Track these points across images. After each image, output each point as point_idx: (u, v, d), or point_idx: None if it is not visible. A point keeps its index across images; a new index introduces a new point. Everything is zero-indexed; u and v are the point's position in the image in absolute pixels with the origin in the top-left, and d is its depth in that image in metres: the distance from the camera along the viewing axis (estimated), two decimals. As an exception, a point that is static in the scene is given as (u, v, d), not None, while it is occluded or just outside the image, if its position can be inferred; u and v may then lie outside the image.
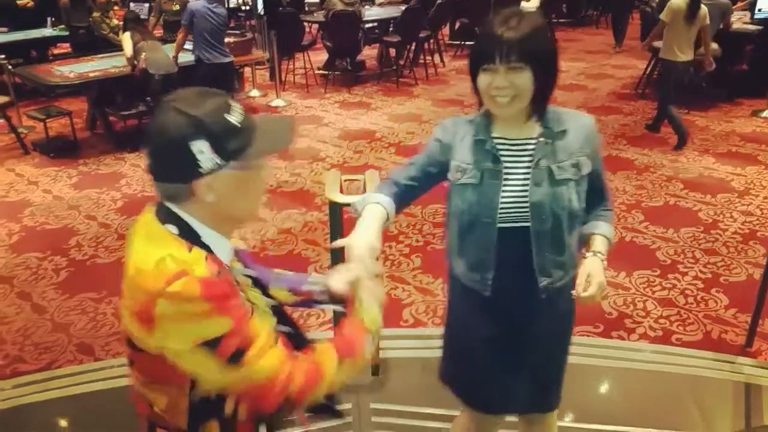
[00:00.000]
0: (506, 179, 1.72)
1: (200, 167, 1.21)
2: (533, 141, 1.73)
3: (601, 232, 1.83)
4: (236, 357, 1.20)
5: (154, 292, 1.17)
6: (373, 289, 1.48)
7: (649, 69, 7.91)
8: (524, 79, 1.62)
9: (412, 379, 3.14)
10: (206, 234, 1.29)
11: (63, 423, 3.02)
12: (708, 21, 6.01)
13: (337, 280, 1.50)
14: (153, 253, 1.22)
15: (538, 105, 1.71)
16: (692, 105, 7.22)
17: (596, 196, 1.83)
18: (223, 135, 1.22)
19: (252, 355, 1.22)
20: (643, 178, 5.44)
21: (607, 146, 6.21)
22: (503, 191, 1.72)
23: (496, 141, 1.75)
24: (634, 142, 6.34)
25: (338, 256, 2.92)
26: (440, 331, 3.36)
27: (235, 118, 1.24)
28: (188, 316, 1.17)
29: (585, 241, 1.84)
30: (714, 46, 7.02)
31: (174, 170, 1.24)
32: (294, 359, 1.30)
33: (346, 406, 2.92)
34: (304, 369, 1.30)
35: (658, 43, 6.51)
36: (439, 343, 2.13)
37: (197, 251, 1.24)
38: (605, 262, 1.78)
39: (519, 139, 1.74)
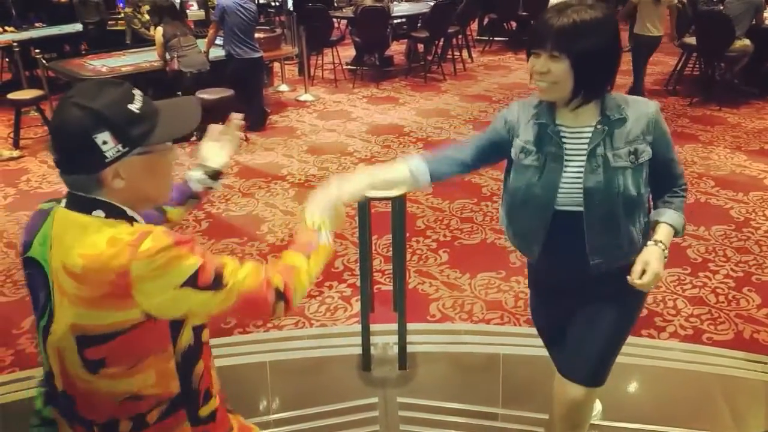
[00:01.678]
0: (566, 164, 1.80)
1: (105, 157, 1.26)
2: (590, 128, 1.77)
3: (666, 220, 1.87)
4: (217, 281, 1.31)
5: (124, 263, 1.22)
6: (320, 203, 1.70)
7: (679, 65, 7.79)
8: (561, 68, 1.67)
9: (439, 373, 3.14)
10: (129, 212, 1.35)
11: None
12: (675, 0, 6.90)
13: None
14: (95, 238, 1.25)
15: (589, 94, 1.73)
16: (724, 102, 7.10)
17: (665, 181, 1.87)
18: (125, 123, 1.27)
19: (229, 274, 1.34)
20: (674, 176, 5.36)
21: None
22: (563, 175, 1.80)
23: (558, 126, 1.81)
24: (665, 139, 6.24)
25: (366, 249, 2.94)
26: (466, 326, 3.36)
27: (136, 105, 1.30)
28: (164, 266, 1.24)
29: (652, 228, 1.89)
30: (746, 42, 6.91)
31: (80, 163, 1.28)
32: (263, 266, 1.43)
33: (372, 399, 2.93)
34: (278, 269, 1.46)
35: (690, 39, 6.62)
36: (467, 338, 2.18)
37: (135, 226, 1.31)
38: (666, 251, 1.83)
39: (577, 126, 1.79)
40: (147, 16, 8.23)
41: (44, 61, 7.02)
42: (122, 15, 8.28)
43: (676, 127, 6.60)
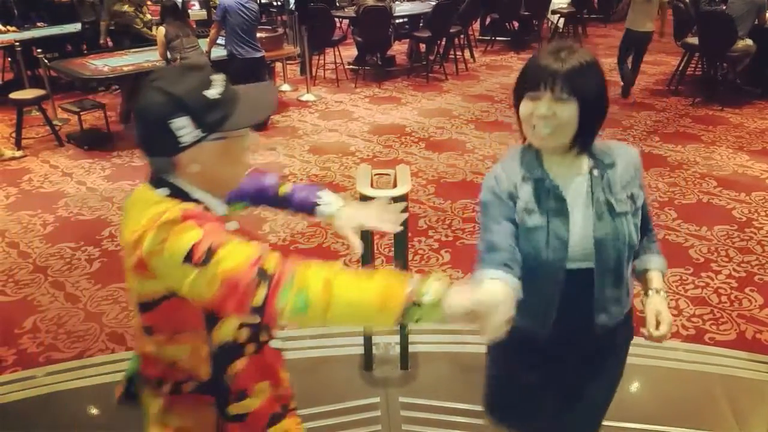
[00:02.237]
0: (571, 218, 1.66)
1: (181, 142, 1.30)
2: (584, 176, 1.67)
3: (657, 267, 1.81)
4: (207, 257, 1.23)
5: (142, 236, 1.27)
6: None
7: (681, 65, 7.79)
8: (569, 111, 1.55)
9: (441, 373, 3.13)
10: (198, 195, 1.39)
11: (94, 411, 3.07)
12: None
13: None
14: (146, 213, 1.31)
15: (585, 139, 1.63)
16: (726, 102, 7.10)
17: (644, 227, 1.79)
18: (202, 109, 1.30)
19: (222, 253, 1.23)
20: (676, 176, 5.36)
21: (639, 143, 6.14)
22: (570, 230, 1.65)
23: (553, 179, 1.67)
24: (667, 138, 6.25)
25: (368, 250, 2.93)
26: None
27: (214, 91, 1.32)
28: (166, 240, 1.25)
29: (640, 277, 1.82)
30: (749, 42, 6.91)
31: (159, 146, 1.33)
32: (271, 252, 1.28)
33: (374, 399, 2.93)
34: (281, 262, 1.25)
35: (692, 39, 6.68)
36: (469, 338, 2.14)
37: (185, 204, 1.34)
38: (668, 298, 1.77)
39: (571, 175, 1.68)
40: (149, 16, 8.24)
41: (46, 61, 7.03)
42: (124, 14, 8.27)
43: (678, 127, 6.59)
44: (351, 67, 9.13)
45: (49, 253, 4.35)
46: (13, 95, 6.51)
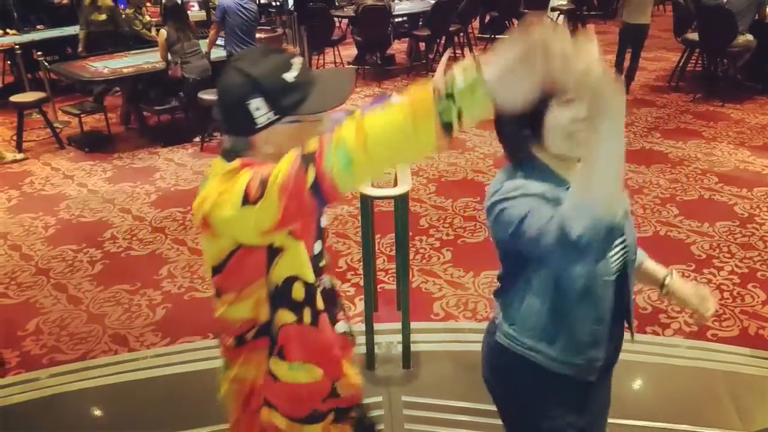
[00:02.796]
0: None
1: (257, 123, 1.33)
2: None
3: (643, 255, 1.77)
4: (262, 188, 1.19)
5: (207, 196, 1.32)
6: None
7: (682, 61, 7.77)
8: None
9: (444, 372, 3.13)
10: None
11: (98, 412, 3.08)
12: None
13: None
14: (218, 181, 1.33)
15: None
16: (727, 98, 7.08)
17: None
18: (277, 92, 1.31)
19: (273, 175, 1.19)
20: (678, 172, 5.35)
21: (640, 139, 6.13)
22: None
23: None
24: (668, 135, 6.24)
25: (369, 248, 2.93)
26: (470, 324, 3.35)
27: (291, 74, 1.32)
28: (226, 189, 1.26)
29: (641, 273, 1.75)
30: (749, 37, 6.90)
31: (236, 125, 1.36)
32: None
33: (376, 398, 2.93)
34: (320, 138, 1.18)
35: (692, 35, 6.72)
36: (471, 336, 2.12)
37: None
38: None
39: None
40: (148, 17, 8.24)
41: (46, 64, 7.04)
42: (123, 16, 8.28)
43: (679, 123, 6.58)
44: (351, 66, 9.13)
45: (51, 256, 4.35)
46: (14, 98, 6.51)
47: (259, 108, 1.31)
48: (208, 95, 6.01)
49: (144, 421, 2.89)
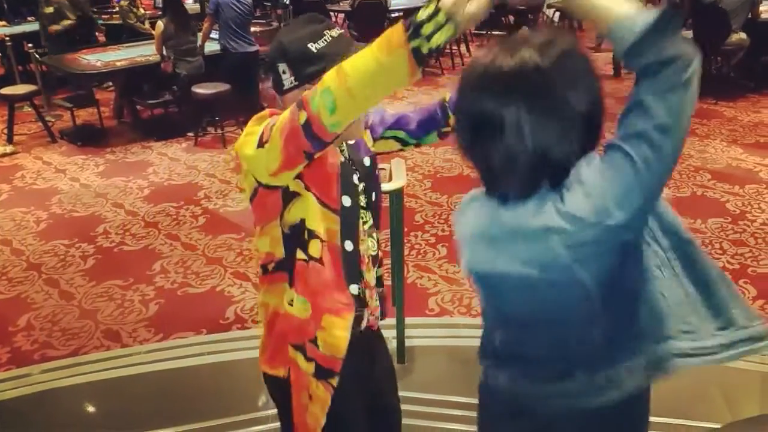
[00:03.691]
0: None
1: (284, 85, 1.50)
2: None
3: None
4: (270, 132, 1.39)
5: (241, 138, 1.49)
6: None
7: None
8: None
9: (438, 367, 3.14)
10: None
11: (90, 408, 3.07)
12: None
13: None
14: (251, 125, 1.50)
15: None
16: (720, 96, 7.10)
17: None
18: (299, 60, 1.45)
19: (278, 120, 1.39)
20: (671, 169, 5.36)
21: (633, 136, 6.15)
22: None
23: None
24: (662, 132, 6.25)
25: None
26: (465, 320, 3.35)
27: (317, 45, 1.44)
28: (249, 132, 1.45)
29: None
30: (742, 35, 6.92)
31: (275, 84, 1.54)
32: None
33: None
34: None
35: (686, 33, 6.81)
36: (465, 331, 2.12)
37: None
38: None
39: None
40: (142, 10, 8.19)
41: (37, 56, 6.98)
42: (117, 9, 8.24)
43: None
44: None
45: (43, 250, 4.33)
46: (4, 90, 6.47)
47: (285, 72, 1.47)
48: (202, 89, 5.99)
49: (136, 417, 2.88)
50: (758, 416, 2.73)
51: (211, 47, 6.62)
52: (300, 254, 1.56)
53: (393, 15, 9.03)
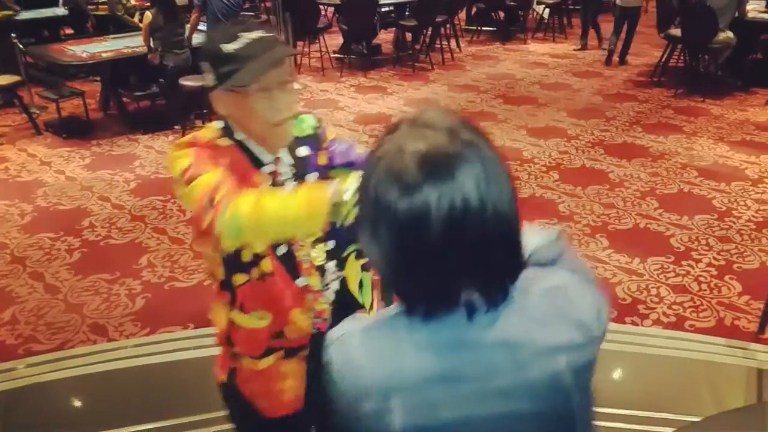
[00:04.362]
0: None
1: (208, 84, 1.49)
2: None
3: None
4: (189, 181, 1.42)
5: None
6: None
7: (664, 57, 7.83)
8: None
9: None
10: (240, 136, 1.53)
11: (76, 402, 3.05)
12: None
13: None
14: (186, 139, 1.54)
15: None
16: (708, 94, 7.15)
17: None
18: (214, 60, 1.45)
19: (198, 180, 1.41)
20: (658, 165, 5.39)
21: (622, 133, 6.17)
22: None
23: None
24: (650, 129, 6.28)
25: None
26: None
27: (233, 46, 1.42)
28: (174, 158, 1.47)
29: None
30: (729, 34, 6.96)
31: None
32: (231, 187, 1.41)
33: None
34: (230, 189, 1.39)
35: (675, 31, 6.89)
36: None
37: (220, 139, 1.52)
38: None
39: None
40: (133, 2, 8.11)
41: (21, 47, 6.89)
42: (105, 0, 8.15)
43: (660, 118, 6.63)
44: (336, 55, 9.07)
45: (28, 244, 4.29)
46: (-11, 82, 6.39)
47: (207, 71, 1.47)
48: (190, 81, 5.94)
49: (123, 411, 2.86)
50: (741, 407, 2.75)
51: (199, 39, 6.56)
52: (239, 278, 1.58)
53: (383, 9, 9.02)
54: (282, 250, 1.61)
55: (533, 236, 1.06)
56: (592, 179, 5.11)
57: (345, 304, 1.72)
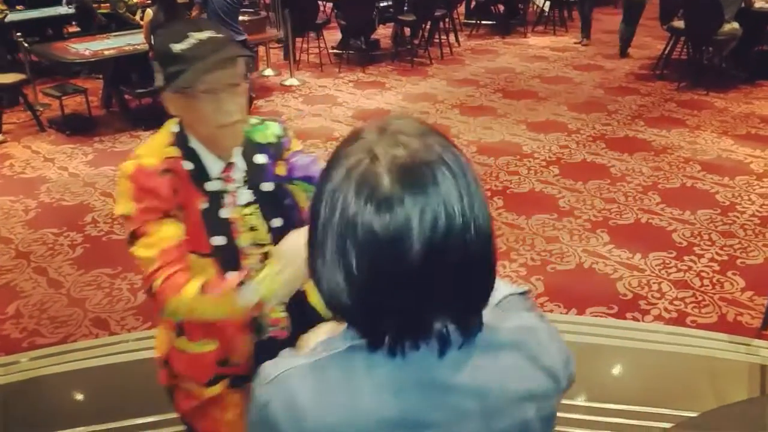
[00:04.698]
0: None
1: (158, 84, 1.46)
2: None
3: None
4: (131, 237, 1.44)
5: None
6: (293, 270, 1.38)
7: (667, 49, 7.80)
8: None
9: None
10: (194, 144, 1.51)
11: (78, 395, 3.06)
12: None
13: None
14: (150, 141, 1.55)
15: None
16: (712, 86, 7.12)
17: None
18: (162, 60, 1.43)
19: (139, 243, 1.43)
20: (660, 160, 5.38)
21: (624, 127, 6.16)
22: None
23: None
24: (652, 123, 6.27)
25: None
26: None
27: (180, 46, 1.39)
28: (119, 190, 1.47)
29: None
30: (735, 25, 6.91)
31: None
32: (169, 266, 1.42)
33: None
34: (168, 276, 1.41)
35: (678, 23, 6.98)
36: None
37: (169, 148, 1.49)
38: None
39: None
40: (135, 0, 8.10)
41: (26, 45, 6.91)
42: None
43: (663, 111, 6.61)
44: (335, 51, 9.05)
45: (32, 239, 4.31)
46: (-7, 79, 6.40)
47: (157, 71, 1.44)
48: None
49: (124, 404, 2.88)
50: (742, 400, 2.75)
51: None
52: None
53: (381, 4, 9.00)
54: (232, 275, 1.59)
55: (502, 286, 0.95)
56: (593, 174, 5.11)
57: (304, 312, 1.65)
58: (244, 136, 1.56)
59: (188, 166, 1.50)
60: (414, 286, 0.77)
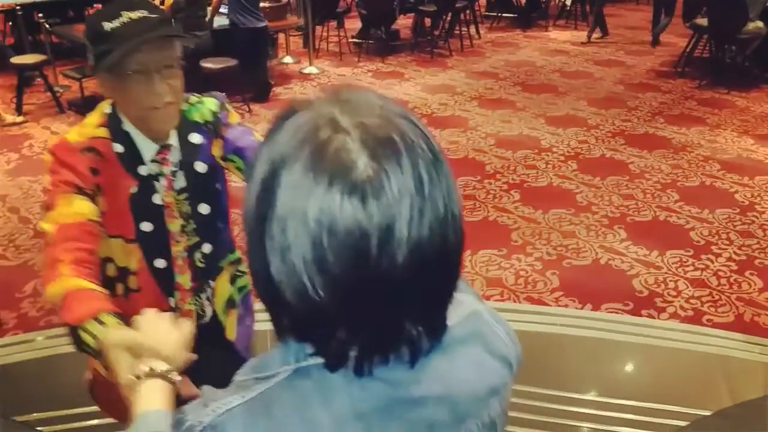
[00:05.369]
0: None
1: (90, 63, 1.39)
2: None
3: None
4: (43, 209, 1.40)
5: None
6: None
7: (689, 47, 7.71)
8: None
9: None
10: (127, 126, 1.47)
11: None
12: None
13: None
14: (83, 120, 1.52)
15: None
16: (733, 85, 7.04)
17: None
18: (92, 39, 1.37)
19: (46, 216, 1.37)
20: (680, 158, 5.34)
21: (644, 124, 6.11)
22: None
23: None
24: (672, 120, 6.21)
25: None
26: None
27: (111, 24, 1.33)
28: (46, 164, 1.43)
29: None
30: (759, 24, 6.83)
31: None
32: (61, 244, 1.31)
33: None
34: (52, 259, 1.30)
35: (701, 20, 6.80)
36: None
37: (99, 129, 1.47)
38: None
39: None
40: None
41: (47, 26, 6.95)
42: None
43: (683, 109, 6.55)
44: (354, 40, 9.04)
45: (50, 219, 4.34)
46: (14, 60, 6.45)
47: (89, 51, 1.38)
48: (210, 64, 5.96)
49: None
50: (754, 399, 2.73)
51: (220, 21, 6.58)
52: (119, 289, 1.56)
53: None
54: (161, 263, 1.56)
55: None
56: (612, 170, 5.07)
57: (208, 330, 1.59)
58: (182, 116, 1.51)
59: (118, 148, 1.46)
60: (396, 288, 0.63)
